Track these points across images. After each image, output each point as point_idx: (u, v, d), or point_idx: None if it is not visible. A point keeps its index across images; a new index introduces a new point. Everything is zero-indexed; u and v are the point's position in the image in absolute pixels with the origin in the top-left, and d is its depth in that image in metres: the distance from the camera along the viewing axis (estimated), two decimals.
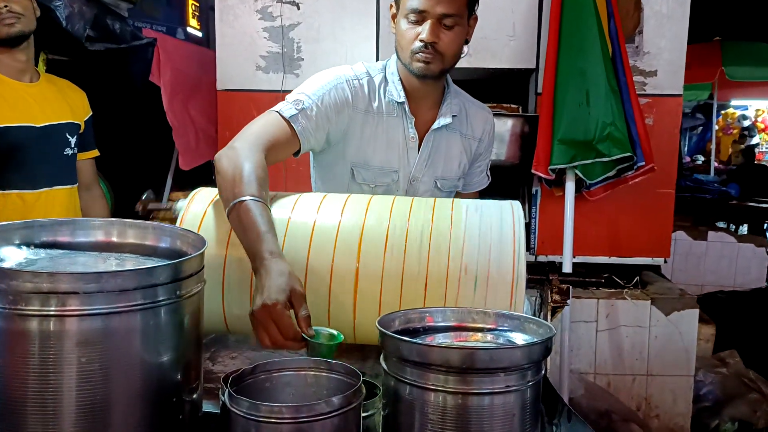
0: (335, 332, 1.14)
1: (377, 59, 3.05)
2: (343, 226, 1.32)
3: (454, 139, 1.76)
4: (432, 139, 1.73)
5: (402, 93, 1.67)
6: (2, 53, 2.14)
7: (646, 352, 3.16)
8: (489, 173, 1.96)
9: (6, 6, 2.05)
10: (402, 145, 1.70)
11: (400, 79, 1.67)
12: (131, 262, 1.06)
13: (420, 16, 1.54)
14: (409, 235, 1.29)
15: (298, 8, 3.09)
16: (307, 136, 1.55)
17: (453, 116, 1.73)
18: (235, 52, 3.13)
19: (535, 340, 0.94)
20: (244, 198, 1.24)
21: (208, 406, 1.09)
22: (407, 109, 1.67)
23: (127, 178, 3.46)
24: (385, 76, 1.70)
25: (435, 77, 1.62)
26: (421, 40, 1.54)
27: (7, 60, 2.15)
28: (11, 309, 0.82)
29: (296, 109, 1.54)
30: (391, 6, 1.65)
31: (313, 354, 1.08)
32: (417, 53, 1.56)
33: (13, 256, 1.01)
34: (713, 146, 8.78)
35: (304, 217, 1.34)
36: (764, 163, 9.99)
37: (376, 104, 1.67)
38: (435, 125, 1.71)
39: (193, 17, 4.91)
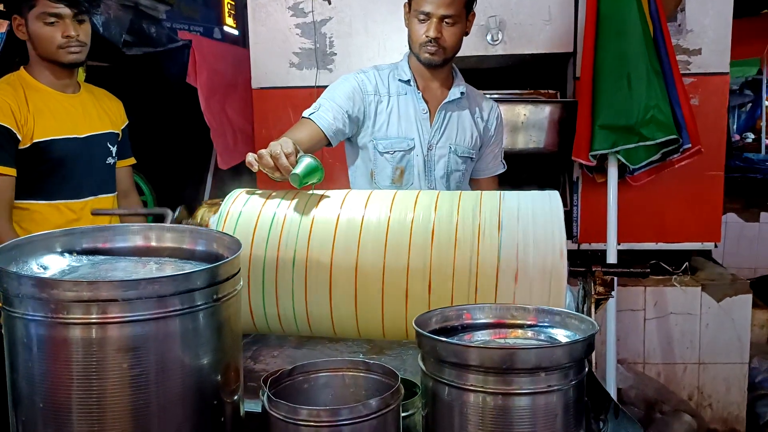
0: (314, 164, 1.43)
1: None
2: (368, 221, 1.33)
3: (465, 114, 2.09)
4: (444, 112, 2.06)
5: (408, 72, 2.03)
6: (53, 70, 2.19)
7: (697, 340, 3.07)
8: (504, 161, 2.24)
9: (77, 35, 2.12)
10: (415, 117, 2.03)
11: (409, 66, 2.04)
12: (170, 266, 1.07)
13: (426, 17, 1.90)
14: (437, 229, 1.28)
15: (330, 3, 3.09)
16: (326, 125, 1.90)
17: (461, 92, 2.06)
18: (269, 50, 3.14)
19: (577, 337, 0.91)
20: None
21: (250, 405, 1.10)
22: (414, 85, 2.03)
23: (168, 180, 3.52)
24: (396, 66, 2.07)
25: (439, 65, 1.99)
26: (427, 36, 1.91)
27: (54, 74, 2.20)
28: (54, 317, 0.84)
29: (314, 109, 1.95)
30: (405, 6, 2.01)
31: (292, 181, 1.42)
32: (424, 46, 1.93)
33: (56, 264, 1.03)
34: (764, 123, 8.43)
35: (328, 214, 1.36)
36: None
37: (385, 88, 2.03)
38: (446, 99, 2.05)
39: (229, 16, 4.97)
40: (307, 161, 1.44)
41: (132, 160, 2.52)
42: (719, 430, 3.08)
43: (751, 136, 9.83)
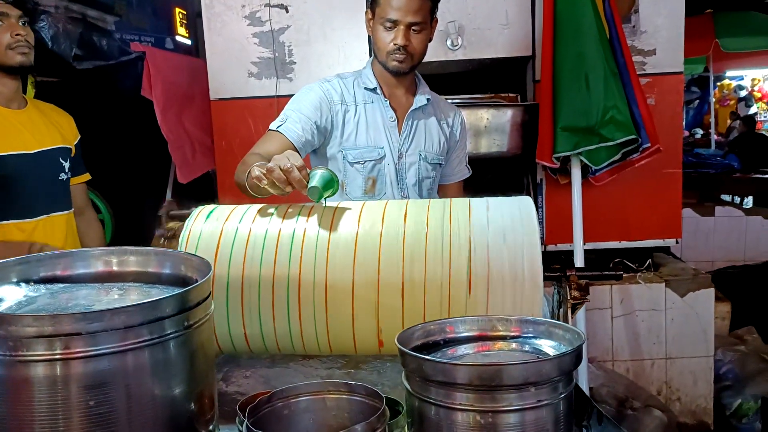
0: (329, 175, 1.35)
1: (371, 56, 3.01)
2: (336, 235, 1.29)
3: (431, 121, 2.07)
4: (412, 120, 2.03)
5: (374, 80, 1.99)
6: None
7: (663, 335, 3.12)
8: (469, 166, 2.23)
9: (26, 35, 2.06)
10: (383, 125, 1.99)
11: (374, 73, 2.00)
12: (135, 292, 1.01)
13: (393, 24, 1.86)
14: (414, 241, 1.25)
15: (287, 11, 3.04)
16: (296, 137, 1.85)
17: (427, 99, 2.03)
18: (226, 61, 3.08)
19: (565, 349, 0.89)
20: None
21: (224, 431, 1.05)
22: (380, 93, 1.99)
23: (126, 197, 3.41)
24: (360, 73, 2.02)
25: (406, 72, 1.95)
26: (395, 44, 1.87)
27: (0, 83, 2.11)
28: (13, 356, 0.78)
29: (282, 121, 1.88)
30: (367, 12, 1.94)
31: (310, 194, 1.32)
32: (392, 54, 1.89)
33: (12, 295, 0.97)
34: (712, 119, 8.69)
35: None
36: (764, 132, 9.90)
37: (351, 97, 1.98)
38: (413, 107, 2.01)
39: (181, 25, 4.85)
40: (320, 173, 1.36)
41: (86, 176, 2.43)
42: (689, 423, 3.14)
43: (699, 131, 10.13)
